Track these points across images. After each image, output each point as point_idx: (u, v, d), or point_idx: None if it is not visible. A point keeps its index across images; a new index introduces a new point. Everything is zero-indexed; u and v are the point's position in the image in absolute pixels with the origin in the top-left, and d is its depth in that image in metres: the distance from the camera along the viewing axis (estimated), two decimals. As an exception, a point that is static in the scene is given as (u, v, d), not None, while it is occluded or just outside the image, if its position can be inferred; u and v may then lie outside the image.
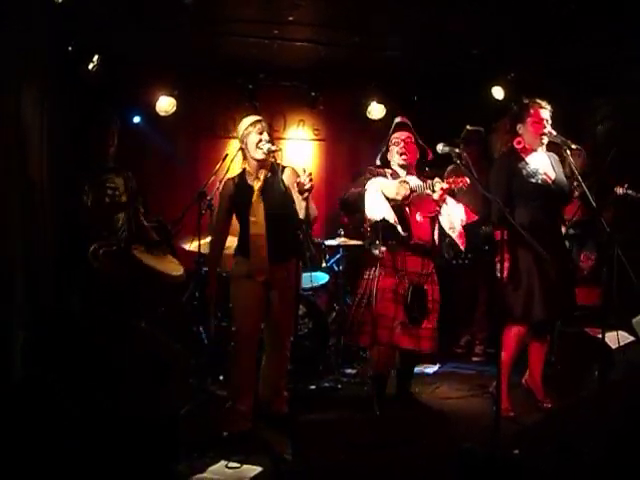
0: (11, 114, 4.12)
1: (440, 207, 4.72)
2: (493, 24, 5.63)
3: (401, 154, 4.85)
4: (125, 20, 5.39)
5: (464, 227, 4.77)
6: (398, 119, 4.99)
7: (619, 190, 5.38)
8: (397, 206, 4.67)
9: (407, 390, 5.11)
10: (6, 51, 4.00)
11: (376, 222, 4.65)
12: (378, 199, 4.64)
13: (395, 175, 4.82)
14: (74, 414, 3.48)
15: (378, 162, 4.98)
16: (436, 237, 4.79)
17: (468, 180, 4.53)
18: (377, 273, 4.74)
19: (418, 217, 4.75)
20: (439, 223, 4.78)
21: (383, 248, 4.69)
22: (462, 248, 4.76)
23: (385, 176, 4.79)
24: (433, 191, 4.66)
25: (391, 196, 4.65)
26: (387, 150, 4.97)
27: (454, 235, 4.71)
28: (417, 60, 6.74)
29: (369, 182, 4.74)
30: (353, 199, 4.79)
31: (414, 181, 4.75)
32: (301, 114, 7.79)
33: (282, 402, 4.55)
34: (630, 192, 5.35)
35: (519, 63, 6.47)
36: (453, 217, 4.74)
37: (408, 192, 4.65)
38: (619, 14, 5.21)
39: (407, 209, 4.73)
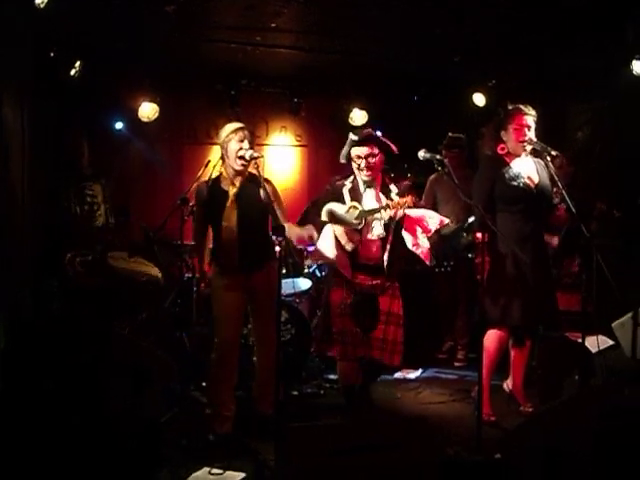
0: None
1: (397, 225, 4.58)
2: (475, 32, 5.68)
3: (362, 171, 4.62)
4: (107, 26, 5.38)
5: (442, 235, 4.69)
6: (354, 137, 4.66)
7: (602, 207, 5.46)
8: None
9: (365, 398, 4.89)
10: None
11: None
12: (327, 240, 4.57)
13: (354, 191, 4.65)
14: (55, 421, 3.46)
15: (342, 160, 4.75)
16: (386, 257, 4.57)
17: (410, 200, 4.38)
18: (329, 287, 4.73)
19: (369, 236, 4.59)
20: (397, 241, 4.61)
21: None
22: (428, 263, 4.62)
23: (341, 194, 4.65)
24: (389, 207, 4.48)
25: (342, 241, 4.55)
26: (349, 159, 4.71)
27: (418, 251, 4.57)
28: (399, 67, 6.78)
29: (324, 209, 4.64)
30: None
31: (368, 200, 4.62)
32: (283, 120, 7.82)
33: (267, 403, 4.53)
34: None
35: (500, 70, 6.53)
36: (420, 230, 4.58)
37: (357, 245, 4.54)
38: (599, 23, 5.29)
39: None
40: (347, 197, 4.66)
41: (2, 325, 4.07)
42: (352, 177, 4.74)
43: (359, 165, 4.63)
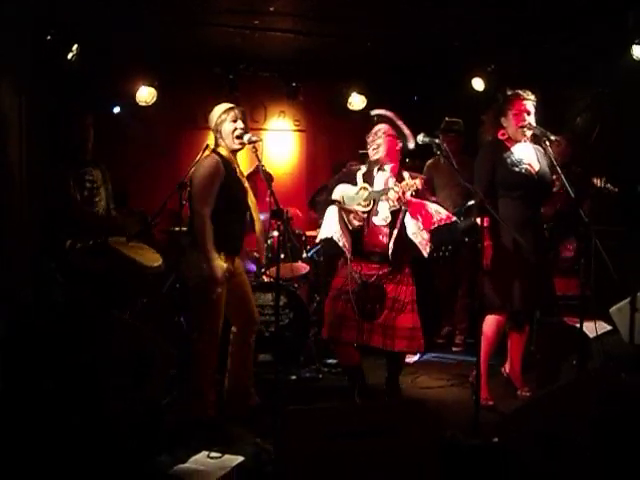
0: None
1: (403, 211, 4.57)
2: (474, 17, 5.66)
3: (372, 149, 4.66)
4: (105, 9, 5.35)
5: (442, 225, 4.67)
6: (372, 111, 4.80)
7: (597, 182, 5.46)
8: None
9: (393, 383, 4.90)
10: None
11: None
12: (333, 218, 4.57)
13: (368, 174, 4.67)
14: (57, 406, 3.47)
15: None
16: (392, 244, 4.55)
17: (419, 182, 4.40)
18: (335, 271, 4.77)
19: (375, 221, 4.58)
20: (402, 227, 4.60)
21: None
22: (425, 254, 4.52)
23: (355, 177, 4.68)
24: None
25: (347, 218, 4.56)
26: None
27: (416, 241, 4.52)
28: (397, 51, 6.75)
29: (335, 190, 4.67)
30: (319, 208, 4.75)
31: (379, 184, 4.61)
32: (282, 105, 7.81)
33: (250, 397, 4.53)
34: (608, 186, 5.44)
35: (499, 55, 6.51)
36: (421, 220, 4.56)
37: (362, 223, 4.53)
38: (599, 8, 5.27)
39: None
40: (360, 179, 4.68)
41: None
42: (368, 163, 4.75)
43: (369, 142, 4.67)
